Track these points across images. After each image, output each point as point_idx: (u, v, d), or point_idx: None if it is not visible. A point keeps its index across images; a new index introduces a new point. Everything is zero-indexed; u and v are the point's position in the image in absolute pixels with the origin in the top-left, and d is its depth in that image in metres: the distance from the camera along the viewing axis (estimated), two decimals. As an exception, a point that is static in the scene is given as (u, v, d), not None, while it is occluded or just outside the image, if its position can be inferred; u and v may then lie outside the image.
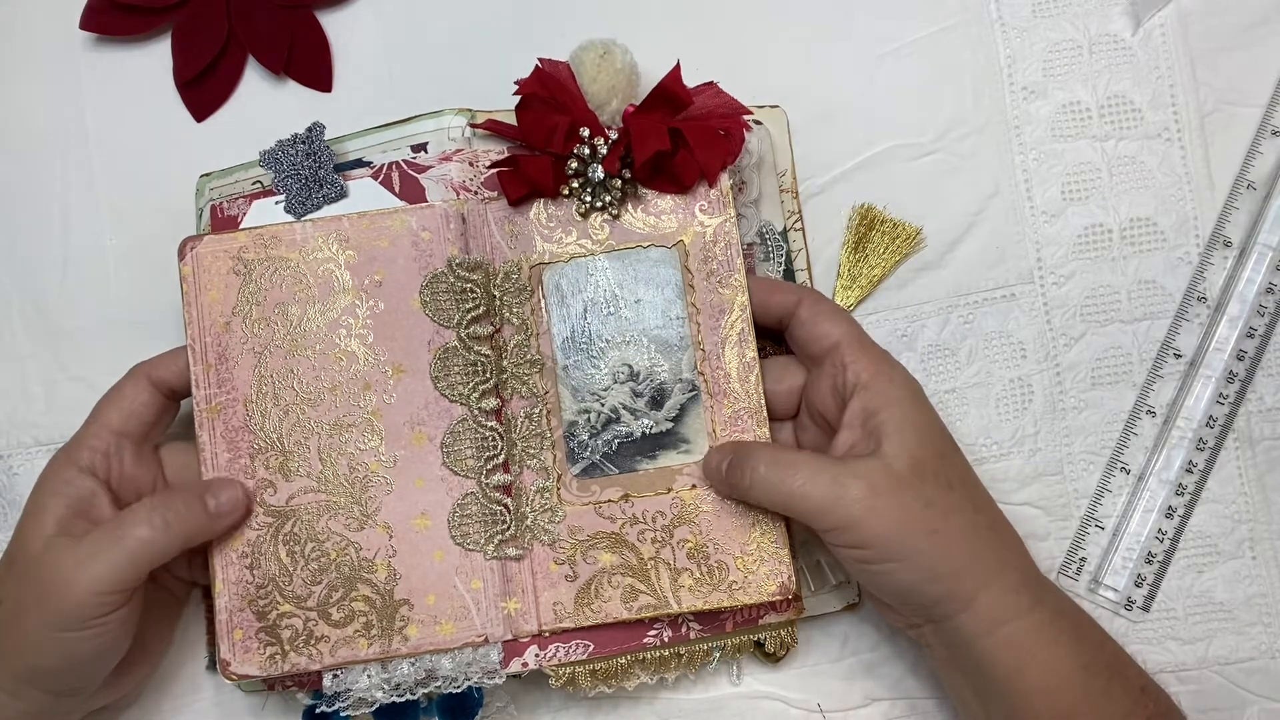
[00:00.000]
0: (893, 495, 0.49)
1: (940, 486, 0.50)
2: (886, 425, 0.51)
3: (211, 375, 0.55)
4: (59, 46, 0.64)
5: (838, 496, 0.49)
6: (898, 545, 0.49)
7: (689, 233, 0.56)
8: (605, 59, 0.56)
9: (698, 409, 0.55)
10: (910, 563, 0.49)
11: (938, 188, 0.61)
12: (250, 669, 0.53)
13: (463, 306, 0.55)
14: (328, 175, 0.57)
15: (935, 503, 0.49)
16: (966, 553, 0.50)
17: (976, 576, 0.50)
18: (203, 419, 0.55)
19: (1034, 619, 0.50)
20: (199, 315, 0.55)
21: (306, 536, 0.54)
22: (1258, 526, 0.59)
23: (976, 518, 0.51)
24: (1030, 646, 0.50)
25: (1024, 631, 0.50)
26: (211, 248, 0.56)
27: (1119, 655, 0.53)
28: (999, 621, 0.50)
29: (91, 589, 0.49)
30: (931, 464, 0.50)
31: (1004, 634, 0.50)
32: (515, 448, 0.55)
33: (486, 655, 0.54)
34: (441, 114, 0.58)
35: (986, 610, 0.50)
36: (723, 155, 0.55)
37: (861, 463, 0.50)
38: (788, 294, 0.55)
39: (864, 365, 0.52)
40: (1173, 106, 0.61)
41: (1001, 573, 0.50)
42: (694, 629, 0.55)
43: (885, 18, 0.63)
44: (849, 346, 0.52)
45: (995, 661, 0.50)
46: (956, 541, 0.50)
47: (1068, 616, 0.52)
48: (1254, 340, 0.59)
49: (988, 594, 0.50)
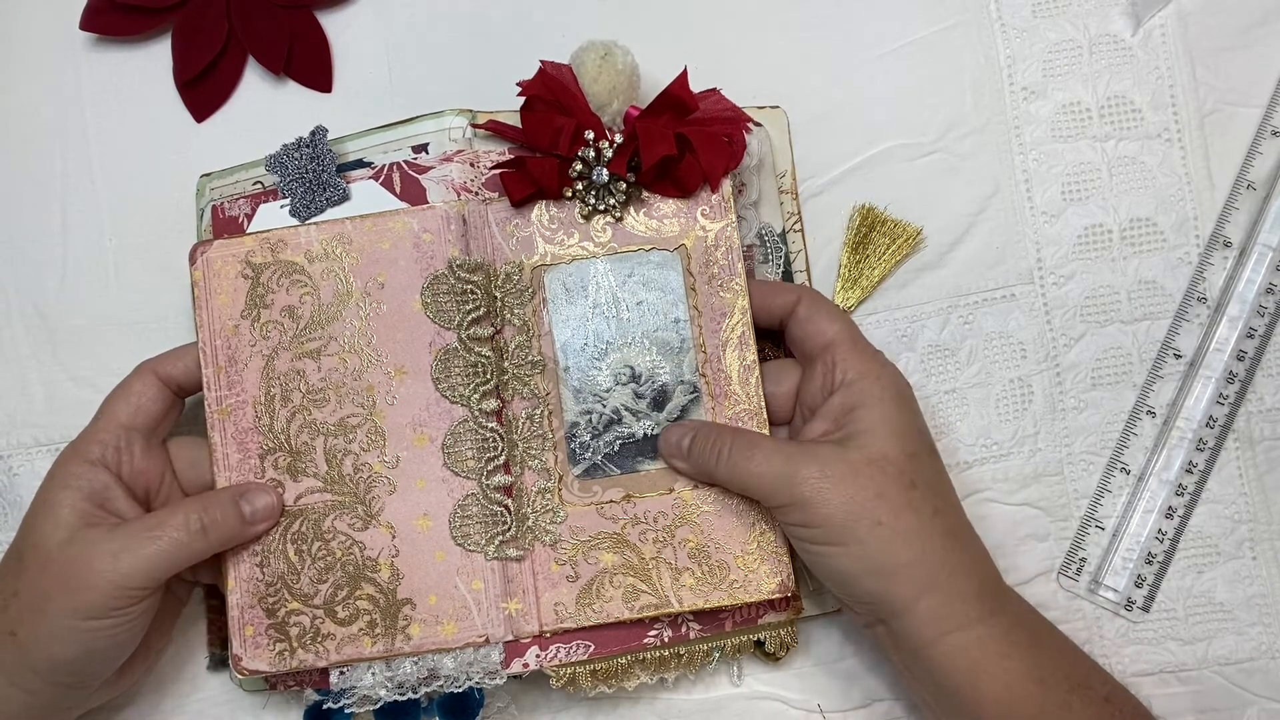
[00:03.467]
0: (843, 481, 0.50)
1: (899, 484, 0.50)
2: (860, 421, 0.52)
3: (222, 377, 0.56)
4: (59, 46, 0.65)
5: (789, 475, 0.50)
6: (840, 530, 0.50)
7: (690, 237, 0.57)
8: (606, 60, 0.56)
9: (699, 410, 0.56)
10: (851, 550, 0.50)
11: (938, 188, 0.62)
12: (260, 665, 0.54)
13: (463, 308, 0.56)
14: (331, 179, 0.58)
15: (887, 496, 0.50)
16: (911, 552, 0.50)
17: (918, 579, 0.50)
18: (214, 420, 0.56)
19: (984, 629, 0.50)
20: (209, 319, 0.56)
21: (313, 536, 0.55)
22: (1258, 527, 0.60)
23: (933, 520, 0.51)
24: (981, 658, 0.50)
25: (974, 642, 0.50)
26: (221, 252, 0.57)
27: (1080, 665, 0.53)
28: (944, 630, 0.50)
29: (124, 582, 0.51)
30: (896, 461, 0.51)
31: (952, 643, 0.50)
32: (516, 449, 0.56)
33: (488, 655, 0.55)
34: (442, 115, 0.59)
35: (931, 615, 0.50)
36: (726, 161, 0.56)
37: (821, 447, 0.51)
38: (788, 294, 0.56)
39: (853, 364, 0.53)
40: (1173, 106, 0.62)
41: (949, 579, 0.50)
42: (694, 629, 0.56)
43: (885, 18, 0.63)
44: (841, 345, 0.53)
45: (946, 671, 0.50)
46: (902, 539, 0.50)
47: (1024, 628, 0.52)
48: (1254, 340, 0.60)
49: (931, 599, 0.50)
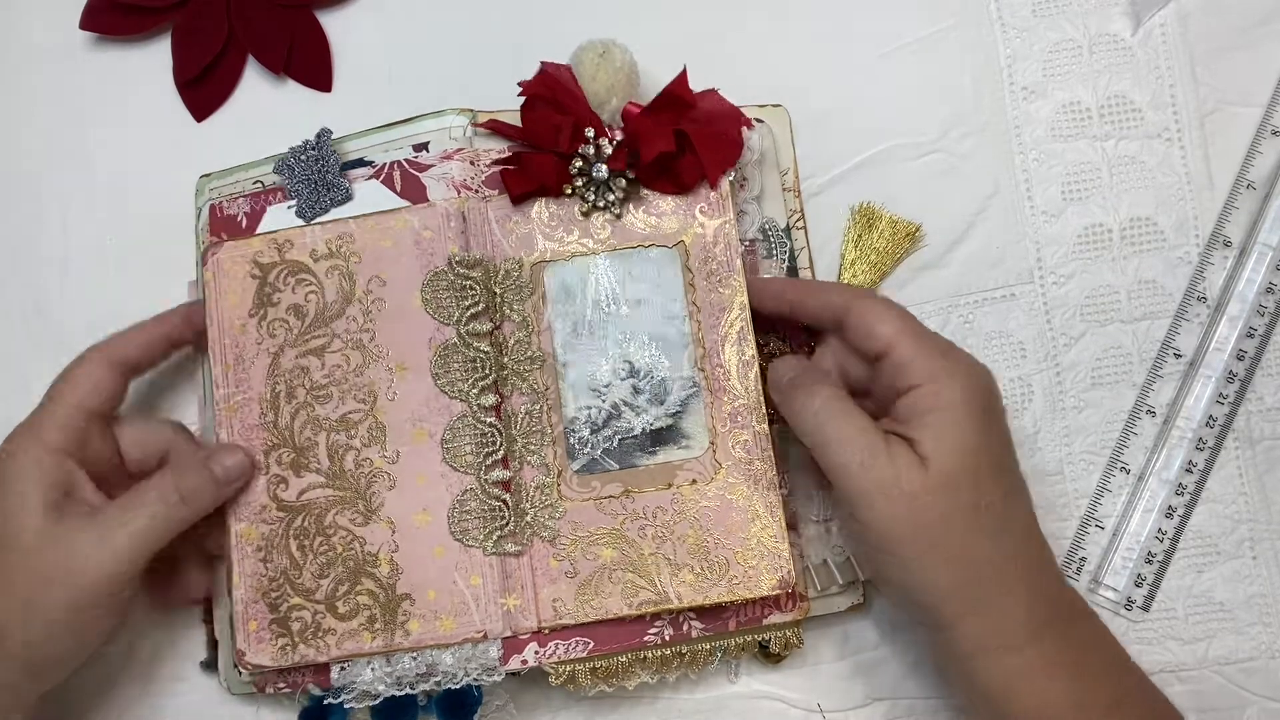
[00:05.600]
0: (912, 496, 0.49)
1: (965, 508, 0.49)
2: (929, 430, 0.50)
3: (230, 376, 0.57)
4: (59, 46, 0.65)
5: (866, 464, 0.49)
6: (896, 541, 0.49)
7: (689, 233, 0.58)
8: (604, 58, 0.57)
9: (699, 405, 0.57)
10: (901, 563, 0.50)
11: (938, 187, 0.62)
12: (263, 659, 0.55)
13: (462, 303, 0.57)
14: (335, 179, 0.59)
15: (951, 522, 0.49)
16: (964, 576, 0.49)
17: (966, 600, 0.49)
18: (221, 417, 0.57)
19: (1029, 653, 0.49)
20: (219, 318, 0.58)
21: (315, 531, 0.56)
22: (1258, 526, 0.60)
23: (994, 544, 0.50)
24: (1019, 680, 0.49)
25: (1014, 665, 0.49)
26: (230, 253, 0.58)
27: (1125, 686, 0.52)
28: (986, 648, 0.50)
29: (115, 567, 0.51)
30: (965, 483, 0.49)
31: (993, 661, 0.50)
32: (515, 444, 0.57)
33: (486, 651, 0.55)
34: (443, 113, 0.59)
35: (974, 634, 0.50)
36: (725, 158, 0.57)
37: (903, 451, 0.49)
38: (830, 296, 0.54)
39: (918, 366, 0.51)
40: (1173, 106, 0.62)
41: (999, 601, 0.49)
42: (696, 628, 0.56)
43: (885, 18, 0.64)
44: (902, 345, 0.51)
45: (984, 683, 0.50)
46: (958, 564, 0.49)
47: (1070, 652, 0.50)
48: (1254, 340, 0.60)
49: (976, 620, 0.49)
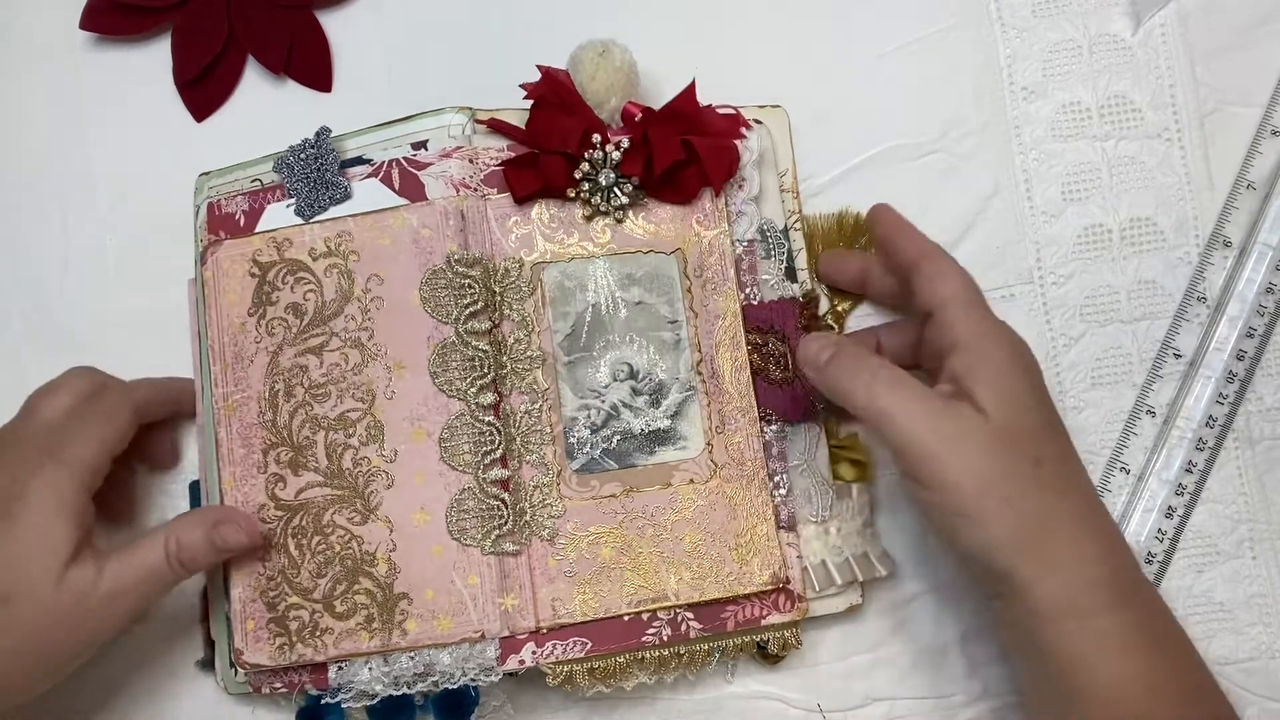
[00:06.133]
0: (980, 449, 0.49)
1: (1027, 460, 0.49)
2: (979, 384, 0.50)
3: (229, 374, 0.57)
4: (59, 46, 0.65)
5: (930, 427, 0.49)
6: (970, 499, 0.49)
7: (686, 241, 0.58)
8: (604, 57, 0.57)
9: (695, 407, 0.57)
10: (978, 523, 0.49)
11: (938, 188, 0.63)
12: (261, 658, 0.55)
13: (460, 302, 0.57)
14: (334, 178, 0.59)
15: (1017, 473, 0.49)
16: (1037, 533, 0.48)
17: (1044, 560, 0.48)
18: (220, 416, 0.57)
19: (1106, 622, 0.48)
20: (218, 316, 0.58)
21: (313, 530, 0.56)
22: (1258, 526, 0.60)
23: (1060, 501, 0.49)
24: (1095, 651, 0.48)
25: (1091, 633, 0.48)
26: (230, 252, 0.58)
27: (1199, 680, 0.50)
28: (1063, 614, 0.48)
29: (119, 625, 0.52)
30: (1022, 435, 0.49)
31: (1069, 629, 0.48)
32: (514, 443, 0.57)
33: (483, 651, 0.55)
34: (442, 112, 0.59)
35: (1052, 598, 0.48)
36: (727, 168, 0.58)
37: (963, 406, 0.50)
38: (919, 241, 0.55)
39: (964, 324, 0.51)
40: (1173, 106, 0.63)
41: (1077, 565, 0.49)
42: (694, 629, 0.56)
43: (885, 18, 0.64)
44: (955, 304, 0.52)
45: (1057, 656, 0.48)
46: (1033, 519, 0.48)
47: (1149, 629, 0.49)
48: (1254, 340, 0.61)
49: (1054, 581, 0.48)
